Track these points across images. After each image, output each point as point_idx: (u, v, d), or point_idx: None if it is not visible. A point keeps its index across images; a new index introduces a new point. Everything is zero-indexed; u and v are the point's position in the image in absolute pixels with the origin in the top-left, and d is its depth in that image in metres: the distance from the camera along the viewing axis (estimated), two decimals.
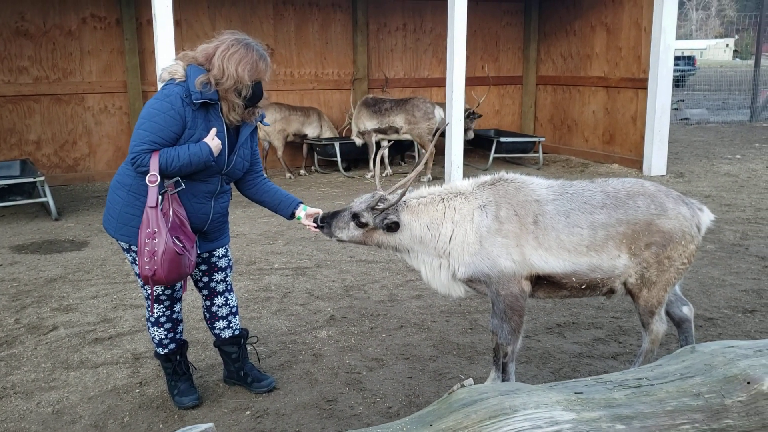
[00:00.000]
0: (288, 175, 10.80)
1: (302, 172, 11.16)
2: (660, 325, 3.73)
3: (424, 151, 10.75)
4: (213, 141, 3.46)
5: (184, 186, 3.48)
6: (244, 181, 3.85)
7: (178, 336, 3.92)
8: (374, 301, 5.48)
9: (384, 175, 10.67)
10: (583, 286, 3.64)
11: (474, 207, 3.61)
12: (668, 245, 3.58)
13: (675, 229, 3.59)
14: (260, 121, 3.77)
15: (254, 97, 3.55)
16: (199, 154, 3.42)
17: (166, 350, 3.88)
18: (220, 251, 3.91)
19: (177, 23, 8.47)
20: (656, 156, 10.68)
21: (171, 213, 3.44)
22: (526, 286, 3.61)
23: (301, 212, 3.82)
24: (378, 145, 10.96)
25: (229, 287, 4.01)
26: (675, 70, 10.88)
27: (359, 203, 3.70)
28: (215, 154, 3.47)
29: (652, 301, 3.68)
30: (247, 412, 3.82)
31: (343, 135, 11.48)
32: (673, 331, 4.81)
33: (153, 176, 3.35)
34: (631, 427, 2.08)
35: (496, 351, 3.80)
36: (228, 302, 4.01)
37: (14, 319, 5.16)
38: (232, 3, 11.06)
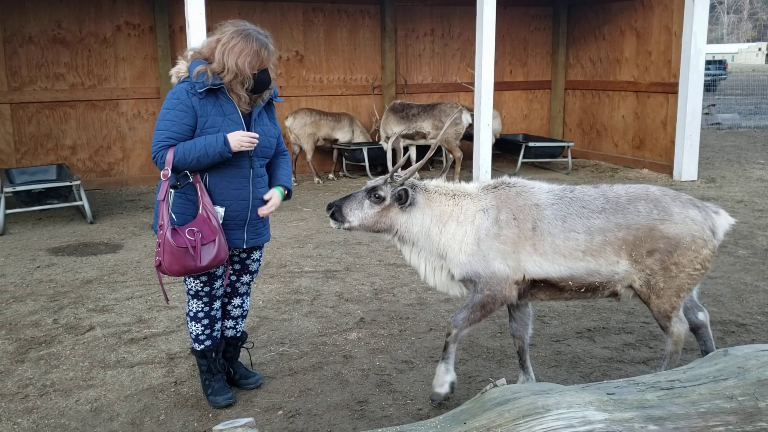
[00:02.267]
0: (317, 179, 10.90)
1: (331, 176, 11.24)
2: (680, 326, 3.69)
3: (451, 156, 10.78)
4: (238, 133, 3.51)
5: (191, 180, 3.57)
6: (271, 162, 3.91)
7: (215, 333, 3.96)
8: (403, 305, 5.53)
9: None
10: (582, 289, 3.64)
11: (477, 209, 3.66)
12: (675, 251, 3.51)
13: (682, 234, 3.51)
14: (273, 98, 3.81)
15: (261, 84, 3.59)
16: (215, 144, 3.48)
17: (202, 346, 3.94)
18: (256, 254, 4.00)
19: (209, 30, 8.60)
20: (687, 161, 10.58)
21: (201, 206, 3.56)
22: (514, 290, 3.62)
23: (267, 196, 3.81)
24: (406, 150, 11.02)
25: (249, 291, 4.10)
26: (706, 75, 10.77)
27: (371, 182, 3.77)
28: (236, 146, 3.50)
29: (664, 307, 3.62)
30: (280, 412, 3.88)
31: (376, 140, 11.54)
32: None
33: (166, 171, 3.48)
34: (664, 428, 2.09)
35: (520, 354, 3.91)
36: (243, 305, 4.10)
37: (52, 319, 5.29)
38: (263, 10, 11.21)
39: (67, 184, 8.36)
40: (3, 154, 10.24)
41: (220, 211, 3.63)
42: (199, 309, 3.87)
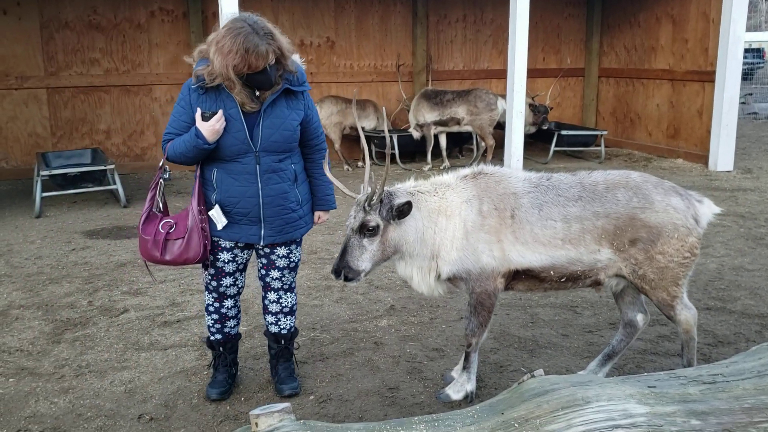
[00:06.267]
0: (346, 167, 10.89)
1: (360, 164, 11.22)
2: (686, 313, 3.60)
3: (483, 143, 10.70)
4: (206, 123, 3.37)
5: (168, 176, 3.71)
6: (303, 154, 3.78)
7: (227, 330, 3.92)
8: None
9: (442, 167, 10.65)
10: (563, 279, 3.58)
11: (461, 200, 3.56)
12: (658, 240, 3.43)
13: (664, 222, 3.43)
14: (293, 86, 3.52)
15: (259, 86, 3.40)
16: (189, 139, 3.42)
17: (212, 337, 3.95)
18: (281, 250, 3.78)
19: None
20: (723, 151, 10.38)
21: (191, 201, 3.60)
22: (500, 284, 3.58)
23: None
24: (436, 138, 10.96)
25: (285, 286, 3.89)
26: (743, 63, 10.53)
27: (352, 220, 3.49)
28: (210, 136, 3.37)
29: (663, 296, 3.54)
30: (312, 397, 3.90)
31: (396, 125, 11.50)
32: (741, 330, 4.71)
33: (162, 163, 3.62)
34: (707, 423, 2.05)
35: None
36: (280, 301, 3.91)
37: (87, 301, 5.37)
38: None
39: (102, 168, 8.49)
40: (39, 138, 10.41)
41: (215, 213, 3.57)
42: (210, 303, 3.86)
